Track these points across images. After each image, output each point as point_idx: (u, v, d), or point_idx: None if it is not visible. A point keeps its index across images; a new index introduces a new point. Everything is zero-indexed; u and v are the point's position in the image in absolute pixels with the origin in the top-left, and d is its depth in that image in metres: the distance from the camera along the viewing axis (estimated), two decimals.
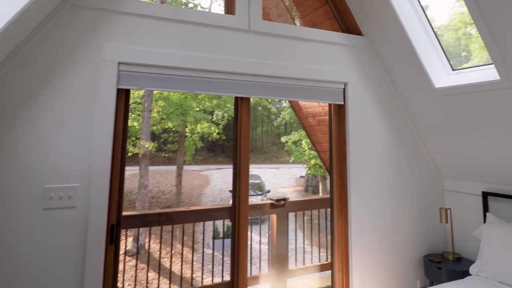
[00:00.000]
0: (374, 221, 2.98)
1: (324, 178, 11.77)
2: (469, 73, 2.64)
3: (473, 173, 3.03)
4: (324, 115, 3.89)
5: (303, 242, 4.88)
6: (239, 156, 2.61)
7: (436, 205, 3.33)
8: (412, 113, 3.15)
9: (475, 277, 2.65)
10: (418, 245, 3.19)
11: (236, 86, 2.54)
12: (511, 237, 2.52)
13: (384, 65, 3.08)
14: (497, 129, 2.62)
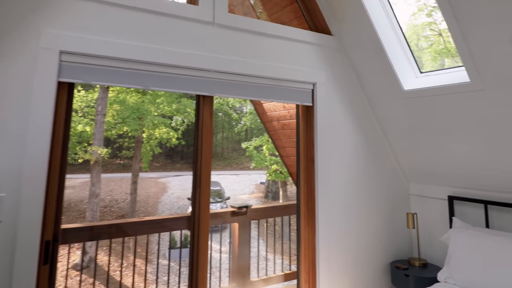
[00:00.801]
0: (341, 228, 2.83)
1: (284, 184, 11.71)
2: (437, 76, 2.59)
3: (439, 177, 2.99)
4: (289, 118, 3.74)
5: (265, 251, 4.68)
6: (200, 161, 2.36)
7: (402, 210, 3.27)
8: (379, 116, 3.06)
9: (444, 284, 2.57)
10: (385, 251, 3.10)
11: (198, 83, 2.29)
12: (478, 242, 2.47)
13: (353, 66, 2.97)
14: (464, 132, 2.58)
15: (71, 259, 7.46)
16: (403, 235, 3.25)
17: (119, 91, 9.13)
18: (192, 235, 2.38)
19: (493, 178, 2.62)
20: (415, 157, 3.05)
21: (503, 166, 2.51)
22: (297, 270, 2.80)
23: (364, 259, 2.96)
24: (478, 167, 2.65)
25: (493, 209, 2.71)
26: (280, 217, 4.44)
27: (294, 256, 5.75)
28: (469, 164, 2.69)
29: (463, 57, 2.15)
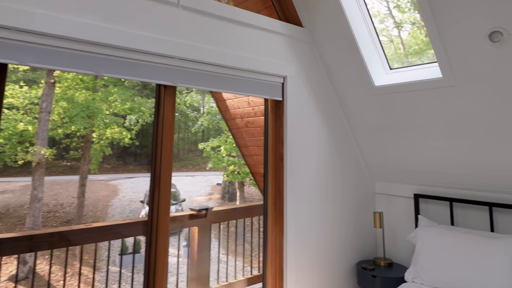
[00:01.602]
0: (309, 229, 2.70)
1: (242, 185, 11.53)
2: (407, 72, 2.54)
3: (406, 175, 2.96)
4: (254, 115, 3.56)
5: (226, 255, 4.47)
6: (159, 160, 2.10)
7: (368, 209, 3.21)
8: (347, 112, 2.98)
9: (411, 283, 2.52)
10: (351, 252, 3.01)
11: (159, 71, 2.03)
12: (446, 240, 2.44)
13: (323, 61, 2.85)
14: (433, 129, 2.55)
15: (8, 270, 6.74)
16: (368, 235, 3.19)
17: (67, 87, 8.46)
18: (149, 241, 2.12)
19: (459, 175, 2.62)
20: (381, 155, 3.00)
21: (469, 163, 2.50)
22: (263, 274, 2.62)
23: (332, 260, 2.85)
24: (444, 165, 2.64)
25: (457, 206, 2.71)
26: (243, 219, 4.25)
27: (256, 259, 5.59)
28: (436, 162, 2.67)
29: (437, 51, 2.10)
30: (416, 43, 3.05)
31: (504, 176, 2.37)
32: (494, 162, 2.37)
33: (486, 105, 2.17)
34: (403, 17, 3.06)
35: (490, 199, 2.51)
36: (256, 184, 4.63)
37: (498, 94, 2.09)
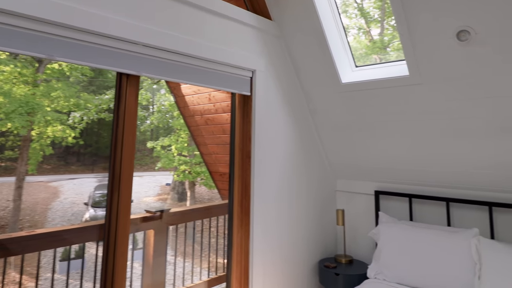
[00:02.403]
0: (275, 229, 2.61)
1: (193, 185, 11.21)
2: (372, 70, 2.54)
3: (367, 172, 2.97)
4: (215, 112, 3.39)
5: (183, 258, 4.24)
6: (120, 156, 1.88)
7: (329, 207, 3.18)
8: (313, 109, 2.93)
9: (374, 280, 2.52)
10: (314, 250, 2.97)
11: (122, 58, 1.81)
12: (407, 236, 2.47)
13: (291, 56, 2.77)
14: (395, 127, 2.58)
15: None
16: (329, 233, 3.17)
17: (3, 80, 7.59)
18: (107, 246, 1.89)
19: (418, 172, 2.66)
20: (344, 153, 2.99)
21: (429, 160, 2.55)
22: (227, 276, 2.48)
23: (296, 260, 2.78)
24: (405, 162, 2.68)
25: (416, 202, 2.77)
26: (201, 220, 4.05)
27: (216, 261, 5.39)
28: (397, 159, 2.70)
29: (405, 49, 2.10)
30: (361, 48, 3.10)
31: (461, 172, 2.45)
32: (452, 159, 2.44)
33: (450, 104, 2.21)
34: (350, 22, 3.09)
35: (447, 195, 2.58)
36: (214, 183, 4.45)
37: (462, 92, 2.14)
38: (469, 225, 2.48)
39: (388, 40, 3.15)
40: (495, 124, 2.13)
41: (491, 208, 2.34)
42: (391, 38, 3.12)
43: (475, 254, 2.16)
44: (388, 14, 3.15)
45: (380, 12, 3.27)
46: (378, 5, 3.28)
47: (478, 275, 2.11)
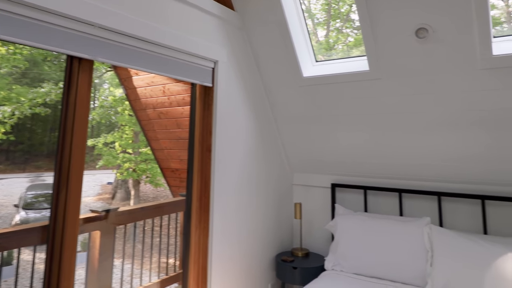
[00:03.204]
0: (235, 225, 2.52)
1: (137, 183, 10.67)
2: (332, 65, 2.54)
3: (324, 166, 2.99)
4: (169, 106, 3.20)
5: (132, 259, 3.97)
6: (69, 151, 1.66)
7: (286, 201, 3.16)
8: (273, 102, 2.88)
9: (331, 271, 2.54)
10: (272, 245, 2.93)
11: (74, 40, 1.60)
12: (363, 227, 2.52)
13: (253, 48, 2.69)
14: (354, 121, 2.61)
15: None
16: (286, 227, 3.15)
17: None
18: (51, 250, 1.67)
19: (374, 165, 2.73)
20: (301, 146, 2.99)
21: (384, 153, 2.63)
22: (183, 275, 2.34)
23: (255, 255, 2.72)
24: (361, 155, 2.74)
25: (370, 194, 2.84)
26: (151, 219, 3.82)
27: (164, 261, 5.12)
28: (354, 152, 2.75)
29: (367, 44, 2.13)
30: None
31: (413, 165, 2.55)
32: (405, 152, 2.53)
33: (407, 99, 2.28)
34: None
35: (400, 186, 2.68)
36: (164, 180, 4.23)
37: (418, 88, 2.22)
38: (420, 214, 2.59)
39: (333, 42, 3.21)
40: (446, 119, 2.24)
41: (440, 197, 2.47)
42: (336, 40, 3.18)
43: (427, 242, 2.25)
44: (333, 17, 3.20)
45: (326, 15, 3.32)
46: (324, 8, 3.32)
47: (430, 262, 2.20)
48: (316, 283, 2.34)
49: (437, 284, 2.08)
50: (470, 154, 2.29)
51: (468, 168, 2.35)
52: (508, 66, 1.83)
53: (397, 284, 2.27)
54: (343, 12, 3.24)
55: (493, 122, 2.11)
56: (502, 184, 2.29)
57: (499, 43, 1.88)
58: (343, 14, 3.24)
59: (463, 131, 2.23)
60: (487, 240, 2.07)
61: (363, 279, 2.37)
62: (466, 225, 2.40)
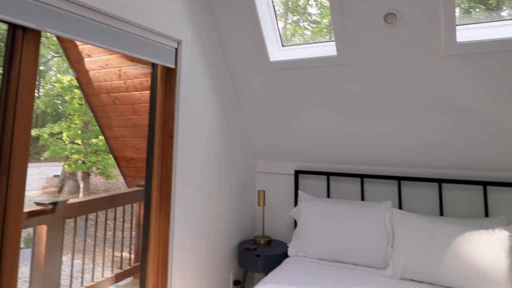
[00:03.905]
0: (198, 214, 2.40)
1: (87, 175, 10.05)
2: (299, 49, 2.48)
3: (287, 153, 2.96)
4: (125, 91, 2.97)
5: (83, 254, 3.69)
6: (9, 136, 1.45)
7: (249, 188, 3.09)
8: (238, 87, 2.77)
9: (295, 258, 2.52)
10: (234, 233, 2.85)
11: (16, 5, 1.37)
12: (327, 212, 2.51)
13: (218, 30, 2.55)
14: (318, 107, 2.58)
15: None
16: (249, 215, 3.09)
17: None
18: None
19: (336, 151, 2.74)
20: (265, 133, 2.93)
21: (347, 139, 2.63)
22: (141, 268, 2.20)
23: (217, 244, 2.63)
24: (325, 141, 2.72)
25: (332, 180, 2.85)
26: (105, 210, 3.57)
27: (118, 254, 4.83)
28: (317, 138, 2.73)
29: (336, 29, 2.09)
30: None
31: (375, 150, 2.59)
32: (369, 138, 2.55)
33: (373, 85, 2.28)
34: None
35: (362, 171, 2.71)
36: (119, 170, 3.98)
37: (384, 74, 2.22)
38: (381, 198, 2.64)
39: (290, 34, 3.18)
40: (409, 105, 2.28)
41: (400, 182, 2.53)
42: (293, 33, 3.15)
43: (389, 225, 2.30)
44: (291, 10, 3.18)
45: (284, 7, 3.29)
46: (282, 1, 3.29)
47: (391, 244, 2.25)
48: (280, 269, 2.31)
49: (398, 265, 2.13)
50: (430, 139, 2.35)
51: (427, 154, 2.42)
52: (470, 53, 1.88)
53: (359, 267, 2.30)
54: (301, 5, 3.23)
55: (451, 109, 2.18)
56: (457, 168, 2.39)
57: (463, 31, 1.93)
58: (301, 8, 3.22)
59: (424, 117, 2.28)
60: (445, 221, 2.15)
61: (326, 264, 2.37)
62: (424, 208, 2.49)
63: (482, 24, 1.93)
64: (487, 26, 1.91)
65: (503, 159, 2.23)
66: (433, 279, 2.01)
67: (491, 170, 2.29)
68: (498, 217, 2.13)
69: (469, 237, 1.96)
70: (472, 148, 2.27)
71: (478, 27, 1.93)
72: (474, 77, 2.00)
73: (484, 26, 1.92)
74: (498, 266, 1.82)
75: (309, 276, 2.15)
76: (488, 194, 2.31)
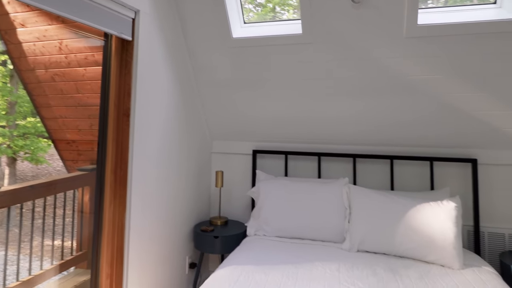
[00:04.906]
0: (155, 199, 2.26)
1: (13, 161, 9.04)
2: (263, 27, 2.40)
3: (245, 133, 2.92)
4: (66, 66, 2.64)
5: (18, 247, 3.31)
6: None
7: (205, 169, 3.00)
8: (197, 64, 2.62)
9: (254, 237, 2.52)
10: (191, 216, 2.76)
11: None
12: (286, 191, 2.53)
13: (178, 4, 2.34)
14: (279, 86, 2.55)
15: None
16: (205, 196, 3.01)
17: None
18: None
19: (295, 130, 2.74)
20: (223, 112, 2.84)
21: (305, 119, 2.65)
22: (93, 259, 2.04)
23: (174, 228, 2.51)
24: (284, 120, 2.71)
25: (290, 159, 2.86)
26: (43, 198, 3.22)
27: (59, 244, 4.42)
28: (277, 118, 2.72)
29: (303, 6, 2.04)
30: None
31: (333, 129, 2.64)
32: (327, 117, 2.59)
33: (335, 64, 2.29)
34: None
35: (319, 150, 2.76)
36: (58, 154, 3.61)
37: (347, 54, 2.24)
38: (337, 176, 2.71)
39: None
40: (368, 85, 2.33)
41: (355, 159, 2.62)
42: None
43: (346, 200, 2.38)
44: None
45: None
46: None
47: (348, 219, 2.34)
48: (241, 250, 2.28)
49: (354, 239, 2.22)
50: (384, 118, 2.45)
51: (381, 132, 2.53)
52: (429, 36, 1.97)
53: (317, 242, 2.36)
54: None
55: (406, 90, 2.28)
56: (407, 145, 2.53)
57: (424, 14, 2.01)
58: None
59: (381, 97, 2.36)
60: (398, 195, 2.27)
61: (285, 241, 2.40)
62: (377, 183, 2.61)
63: (442, 8, 2.03)
64: (447, 11, 2.01)
65: (449, 137, 2.41)
66: (387, 249, 2.13)
67: (437, 147, 2.47)
68: (443, 190, 2.32)
69: (420, 209, 2.10)
70: (423, 127, 2.41)
71: (438, 11, 2.02)
72: (431, 59, 2.09)
73: (444, 11, 2.02)
74: (446, 234, 1.98)
75: (270, 254, 2.14)
76: (434, 169, 2.50)
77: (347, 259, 2.07)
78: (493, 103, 2.17)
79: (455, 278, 1.83)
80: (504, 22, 1.83)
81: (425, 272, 1.90)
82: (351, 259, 2.06)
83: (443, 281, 1.80)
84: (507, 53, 1.95)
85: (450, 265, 1.96)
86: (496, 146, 2.35)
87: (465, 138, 2.37)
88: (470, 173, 2.42)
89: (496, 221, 2.36)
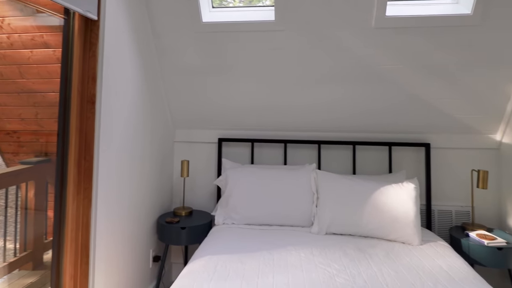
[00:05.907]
0: (121, 191, 2.12)
1: None
2: (232, 12, 2.32)
3: (210, 121, 2.84)
4: (8, 48, 2.32)
5: None
6: None
7: (167, 159, 2.87)
8: (162, 49, 2.46)
9: (223, 226, 2.49)
10: (154, 207, 2.65)
11: None
12: (254, 178, 2.52)
13: None
14: (247, 73, 2.51)
15: None
16: (167, 187, 2.89)
17: None
18: None
19: (262, 118, 2.73)
20: (187, 100, 2.73)
21: (271, 106, 2.65)
22: (53, 258, 1.87)
23: (140, 220, 2.39)
24: (251, 108, 2.69)
25: (256, 147, 2.85)
26: None
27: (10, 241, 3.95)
28: (244, 105, 2.68)
29: None
30: None
31: (299, 117, 2.67)
32: (294, 105, 2.61)
33: (304, 52, 2.30)
34: None
35: (285, 137, 2.78)
36: None
37: (317, 42, 2.25)
38: (302, 162, 2.76)
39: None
40: (336, 73, 2.38)
41: (320, 145, 2.69)
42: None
43: (314, 185, 2.43)
44: None
45: None
46: None
47: (316, 204, 2.40)
48: (211, 239, 2.23)
49: (322, 222, 2.29)
50: (349, 106, 2.53)
51: (344, 120, 2.61)
52: (395, 27, 2.06)
53: (285, 228, 2.39)
54: None
55: (371, 78, 2.36)
56: (368, 131, 2.65)
57: (393, 6, 2.09)
58: None
59: (347, 85, 2.42)
60: (362, 178, 2.38)
61: (254, 228, 2.40)
62: (339, 168, 2.71)
63: (409, 1, 2.13)
64: (413, 4, 2.12)
65: (407, 123, 2.56)
66: (354, 230, 2.23)
67: (396, 133, 2.63)
68: (400, 173, 2.48)
69: (383, 191, 2.23)
70: (384, 114, 2.54)
71: (405, 3, 2.12)
72: (397, 50, 2.19)
73: (410, 4, 2.12)
74: (408, 213, 2.14)
75: (242, 242, 2.13)
76: (392, 154, 2.66)
77: (318, 242, 2.13)
78: (447, 91, 2.36)
79: (417, 253, 1.99)
80: (459, 16, 1.99)
81: (390, 249, 2.03)
82: (321, 242, 2.12)
83: (407, 256, 1.94)
84: (462, 45, 2.12)
85: (410, 241, 2.12)
86: (447, 131, 2.57)
87: (421, 123, 2.56)
88: (424, 156, 2.62)
89: (445, 199, 2.60)
